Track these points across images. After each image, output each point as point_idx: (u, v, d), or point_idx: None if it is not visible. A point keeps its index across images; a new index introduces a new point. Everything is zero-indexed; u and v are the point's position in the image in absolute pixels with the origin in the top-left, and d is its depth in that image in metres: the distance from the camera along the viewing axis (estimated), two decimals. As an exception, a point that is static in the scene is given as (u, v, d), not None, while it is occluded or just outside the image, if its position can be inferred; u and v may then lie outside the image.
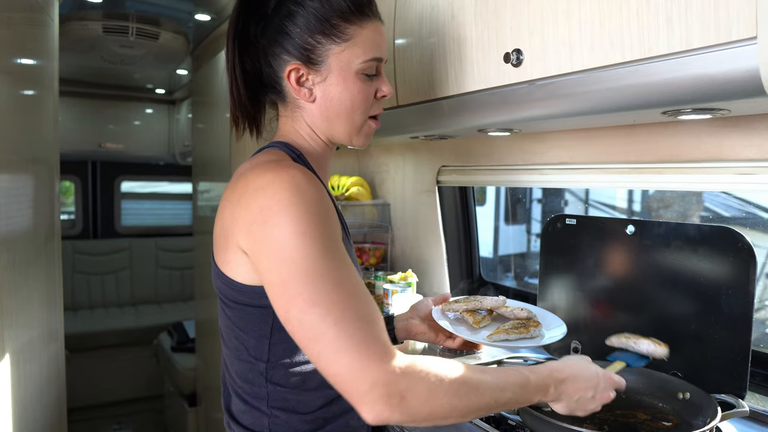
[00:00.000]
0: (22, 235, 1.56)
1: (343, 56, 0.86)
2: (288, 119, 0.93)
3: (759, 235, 1.48)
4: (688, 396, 1.02)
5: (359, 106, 0.90)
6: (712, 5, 0.70)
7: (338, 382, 0.68)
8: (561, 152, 1.40)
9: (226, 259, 0.82)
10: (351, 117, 0.90)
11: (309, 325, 0.69)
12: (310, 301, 0.68)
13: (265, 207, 0.73)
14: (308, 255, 0.70)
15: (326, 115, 0.90)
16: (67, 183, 4.37)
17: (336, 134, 0.92)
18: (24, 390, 1.53)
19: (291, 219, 0.71)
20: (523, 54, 0.98)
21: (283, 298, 0.71)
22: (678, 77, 0.77)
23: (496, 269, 2.96)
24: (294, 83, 0.88)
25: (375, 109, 0.94)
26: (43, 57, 1.78)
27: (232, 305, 0.84)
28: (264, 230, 0.72)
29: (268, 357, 0.84)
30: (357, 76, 0.88)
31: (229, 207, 0.79)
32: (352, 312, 0.69)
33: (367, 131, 0.94)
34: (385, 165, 2.12)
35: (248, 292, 0.81)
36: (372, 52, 0.88)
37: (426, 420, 0.71)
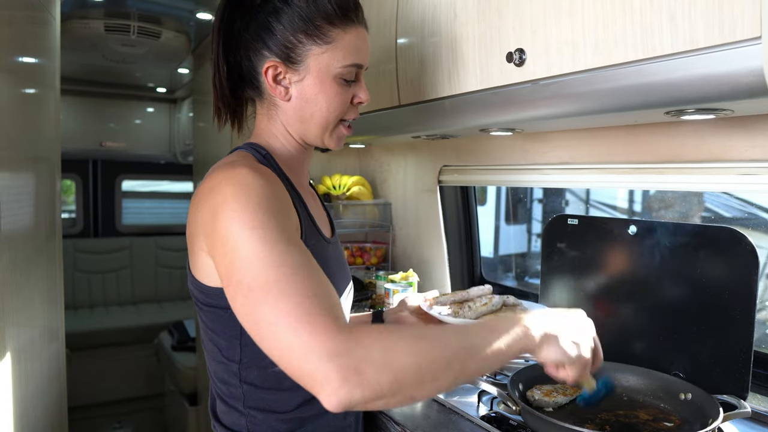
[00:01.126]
0: (24, 233, 1.56)
1: (323, 58, 0.87)
2: (264, 117, 0.94)
3: (760, 235, 1.47)
4: (690, 396, 1.02)
5: (334, 109, 0.89)
6: (716, 5, 0.70)
7: (286, 366, 0.64)
8: (563, 152, 1.39)
9: (194, 264, 0.83)
10: (325, 119, 0.90)
11: (252, 309, 0.67)
12: (252, 287, 0.67)
13: (212, 205, 0.74)
14: (249, 244, 0.68)
15: (300, 115, 0.90)
16: (68, 181, 4.37)
17: (308, 135, 0.92)
18: (25, 388, 1.53)
19: (232, 212, 0.71)
20: (525, 53, 0.98)
21: (230, 289, 0.70)
22: (681, 77, 0.77)
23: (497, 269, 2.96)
24: (270, 80, 0.88)
25: (350, 114, 0.94)
26: (44, 55, 1.78)
27: (204, 308, 0.85)
28: (212, 227, 0.73)
29: (240, 358, 0.84)
30: (335, 80, 0.88)
31: (192, 209, 0.81)
32: (291, 289, 0.65)
33: (339, 134, 0.94)
34: (387, 164, 2.12)
35: (215, 294, 0.81)
36: (352, 58, 0.88)
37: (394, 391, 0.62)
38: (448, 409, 1.15)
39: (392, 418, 1.11)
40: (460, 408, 1.14)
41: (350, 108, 0.93)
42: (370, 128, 1.57)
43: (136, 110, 4.32)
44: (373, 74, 1.39)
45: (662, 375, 1.08)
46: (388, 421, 1.11)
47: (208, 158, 2.81)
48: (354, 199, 2.05)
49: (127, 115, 4.29)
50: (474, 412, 1.13)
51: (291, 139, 0.94)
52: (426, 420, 1.10)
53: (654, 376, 1.09)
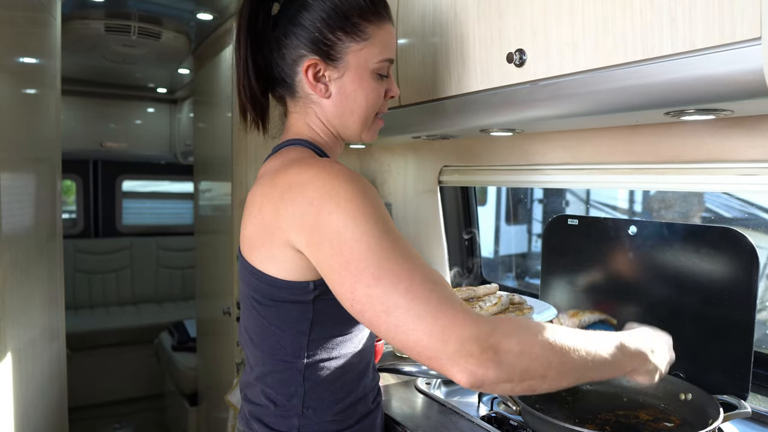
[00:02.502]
0: (24, 233, 1.56)
1: (361, 55, 0.88)
2: (299, 115, 0.93)
3: (760, 235, 1.47)
4: (690, 397, 1.02)
5: (372, 103, 0.91)
6: (716, 5, 0.70)
7: (421, 349, 0.66)
8: (563, 152, 1.40)
9: (266, 256, 0.81)
10: (364, 114, 0.91)
11: (379, 298, 0.67)
12: (378, 275, 0.68)
13: (315, 198, 0.73)
14: (367, 232, 0.69)
15: (340, 112, 0.91)
16: (69, 182, 4.37)
17: (347, 130, 0.93)
18: (25, 389, 1.53)
19: (345, 204, 0.71)
20: (526, 54, 0.98)
21: (348, 279, 0.70)
22: (681, 78, 0.77)
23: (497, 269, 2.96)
24: (311, 78, 0.88)
25: (384, 108, 0.96)
26: (45, 56, 1.78)
27: (268, 303, 0.84)
28: (319, 219, 0.72)
29: (306, 353, 0.84)
30: (372, 75, 0.89)
31: (270, 205, 0.79)
32: (421, 279, 0.68)
33: (375, 128, 0.97)
34: (387, 165, 2.12)
35: (289, 288, 0.81)
36: (387, 53, 0.90)
37: (522, 378, 0.67)
38: (448, 410, 1.15)
39: (393, 418, 1.11)
40: (460, 408, 1.14)
41: (383, 102, 0.95)
42: (371, 129, 1.57)
43: (137, 111, 4.32)
44: (373, 75, 1.39)
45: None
46: (389, 421, 1.11)
47: (208, 159, 2.81)
48: (354, 200, 2.05)
49: (127, 115, 4.29)
50: (474, 412, 1.13)
51: (330, 135, 0.94)
52: (426, 420, 1.10)
53: (654, 376, 1.09)
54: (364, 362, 0.92)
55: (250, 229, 0.83)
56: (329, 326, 0.84)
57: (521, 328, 0.68)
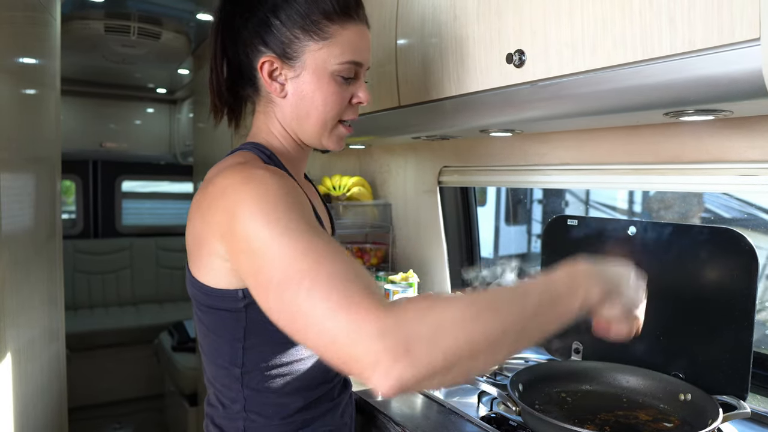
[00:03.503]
0: (24, 234, 1.56)
1: (320, 55, 0.85)
2: (261, 115, 0.92)
3: (760, 236, 1.47)
4: (689, 397, 1.02)
5: (331, 108, 0.88)
6: (716, 6, 0.70)
7: (332, 356, 0.59)
8: (563, 153, 1.40)
9: (199, 266, 0.80)
10: (322, 118, 0.88)
11: (287, 305, 0.62)
12: (282, 281, 0.63)
13: (229, 206, 0.71)
14: (272, 240, 0.65)
15: (296, 113, 0.88)
16: (68, 182, 4.37)
17: (306, 134, 0.90)
18: (25, 389, 1.53)
19: (253, 211, 0.68)
20: (525, 54, 0.98)
21: (260, 289, 0.67)
22: (681, 78, 0.77)
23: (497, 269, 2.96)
24: (266, 76, 0.86)
25: (349, 114, 0.91)
26: (44, 56, 1.78)
27: (206, 310, 0.83)
28: (232, 228, 0.70)
29: (243, 362, 0.83)
30: (332, 78, 0.86)
31: (199, 213, 0.78)
32: (323, 276, 0.60)
33: (338, 134, 0.92)
34: (387, 165, 2.12)
35: (221, 296, 0.80)
36: (350, 55, 0.87)
37: (447, 367, 0.57)
38: (447, 410, 1.15)
39: (392, 418, 1.11)
40: (460, 408, 1.14)
41: (349, 108, 0.91)
42: (370, 129, 1.57)
43: (136, 111, 4.33)
44: (373, 75, 1.39)
45: (662, 375, 1.09)
46: (389, 421, 1.11)
47: (208, 159, 2.81)
48: (354, 200, 2.05)
49: (127, 115, 4.29)
50: (474, 412, 1.13)
51: (289, 138, 0.92)
52: (426, 420, 1.10)
53: (653, 376, 1.09)
54: (317, 369, 0.87)
55: (188, 238, 0.83)
56: (265, 334, 0.81)
57: (428, 310, 0.58)
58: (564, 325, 0.67)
